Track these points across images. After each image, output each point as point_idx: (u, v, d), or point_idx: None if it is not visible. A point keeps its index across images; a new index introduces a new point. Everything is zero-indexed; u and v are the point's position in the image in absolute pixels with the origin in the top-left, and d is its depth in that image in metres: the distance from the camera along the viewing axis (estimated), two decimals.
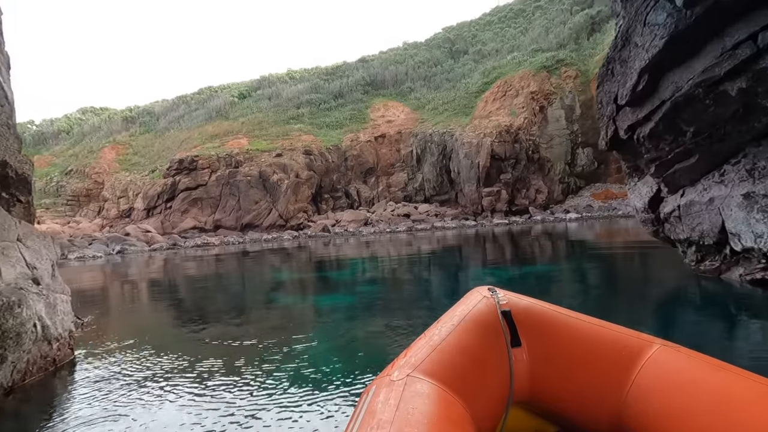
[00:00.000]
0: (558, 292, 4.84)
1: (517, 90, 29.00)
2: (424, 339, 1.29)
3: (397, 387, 1.05)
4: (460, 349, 1.24)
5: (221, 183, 25.34)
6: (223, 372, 2.68)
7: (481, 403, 1.18)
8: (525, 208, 25.63)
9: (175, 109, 35.74)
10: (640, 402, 1.12)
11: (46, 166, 31.28)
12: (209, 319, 4.59)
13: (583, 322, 1.33)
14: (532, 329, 1.33)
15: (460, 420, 1.04)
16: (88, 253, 14.03)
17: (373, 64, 38.36)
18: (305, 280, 7.74)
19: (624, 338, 1.25)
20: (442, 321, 1.37)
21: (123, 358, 3.02)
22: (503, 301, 1.38)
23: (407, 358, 1.21)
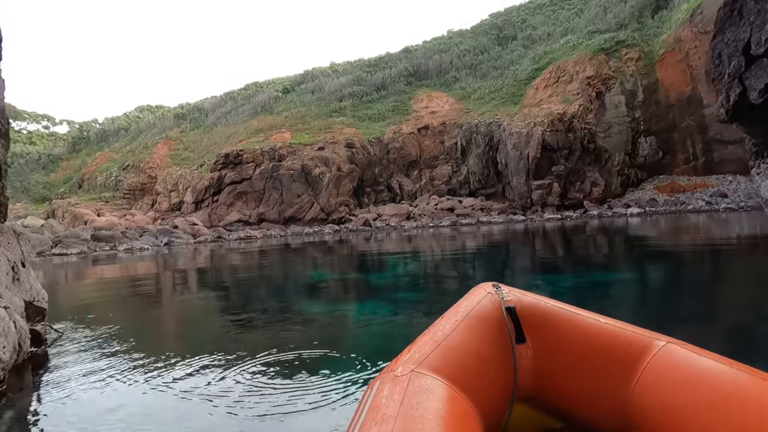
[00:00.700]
0: (639, 309, 3.95)
1: (572, 75, 27.04)
2: (428, 335, 1.29)
3: (401, 382, 1.05)
4: (464, 345, 1.25)
5: (265, 177, 25.59)
6: (240, 362, 2.68)
7: (485, 399, 1.18)
8: (579, 202, 23.88)
9: (222, 105, 36.72)
10: (645, 399, 1.12)
11: (107, 162, 33.21)
12: (243, 312, 4.36)
13: (588, 319, 1.33)
14: (536, 325, 1.33)
15: (465, 416, 1.05)
16: (136, 245, 14.43)
17: (417, 54, 37.39)
18: (345, 277, 7.24)
19: (629, 335, 1.25)
20: (446, 317, 1.37)
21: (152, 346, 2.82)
22: (507, 297, 1.38)
23: (411, 353, 1.20)
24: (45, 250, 12.89)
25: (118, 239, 16.36)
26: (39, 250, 12.94)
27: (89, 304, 5.53)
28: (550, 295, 1.47)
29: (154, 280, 7.69)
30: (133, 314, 4.67)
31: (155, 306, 5.20)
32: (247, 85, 39.82)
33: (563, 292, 4.47)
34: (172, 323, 4.36)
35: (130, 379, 2.46)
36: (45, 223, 20.95)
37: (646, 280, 5.27)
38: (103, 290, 6.81)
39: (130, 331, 3.72)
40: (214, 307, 5.01)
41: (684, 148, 25.79)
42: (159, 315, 4.66)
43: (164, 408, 2.13)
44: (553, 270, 6.67)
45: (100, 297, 6.09)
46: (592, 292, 4.63)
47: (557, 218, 21.43)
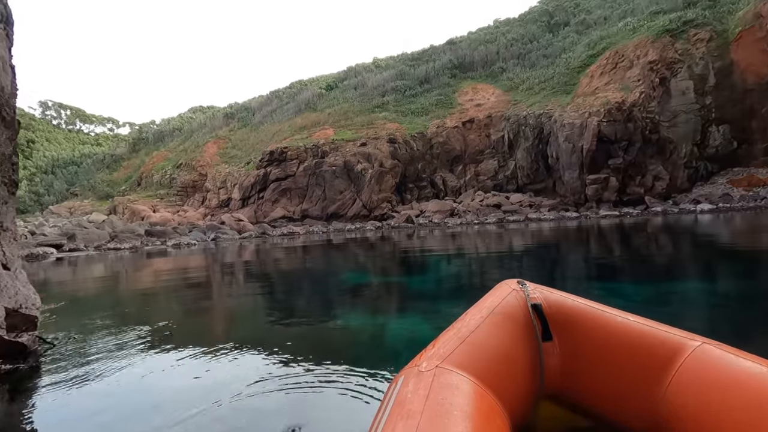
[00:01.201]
0: (717, 325, 3.20)
1: (631, 60, 24.99)
2: (453, 330, 1.28)
3: (426, 377, 1.04)
4: (490, 342, 1.23)
5: (308, 173, 25.78)
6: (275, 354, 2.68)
7: (511, 396, 1.17)
8: (640, 198, 22.05)
9: (268, 104, 37.56)
10: (679, 399, 1.09)
11: (162, 161, 35.02)
12: (282, 310, 4.15)
13: (617, 318, 1.29)
14: (563, 323, 1.31)
15: (491, 412, 1.03)
16: (184, 241, 14.89)
17: (462, 46, 36.28)
18: (385, 278, 6.82)
19: (662, 335, 1.21)
20: (470, 313, 1.35)
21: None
22: (533, 294, 1.36)
23: (435, 349, 1.19)
24: (102, 244, 13.58)
25: (168, 235, 16.99)
26: (97, 245, 13.65)
27: (107, 304, 5.47)
28: (607, 303, 1.38)
29: (193, 276, 7.66)
30: (149, 316, 4.51)
31: (176, 306, 5.04)
32: (291, 84, 40.51)
33: (623, 302, 3.79)
34: (194, 322, 4.13)
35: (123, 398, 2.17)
36: (106, 219, 22.32)
37: (723, 291, 4.36)
38: (133, 288, 6.83)
39: (141, 335, 3.50)
40: (251, 307, 4.75)
41: (764, 137, 23.09)
42: (182, 314, 4.46)
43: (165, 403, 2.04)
44: (611, 275, 5.76)
45: (126, 295, 6.06)
46: (659, 303, 3.92)
47: (615, 215, 19.87)
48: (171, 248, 13.91)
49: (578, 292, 1.43)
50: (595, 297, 3.70)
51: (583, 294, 1.42)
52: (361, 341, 3.01)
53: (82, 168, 40.32)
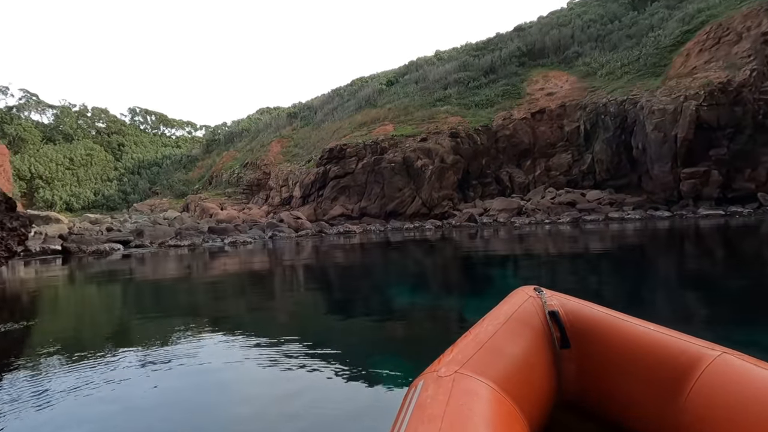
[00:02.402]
0: None
1: (739, 33, 21.31)
2: (470, 336, 1.29)
3: (446, 383, 1.05)
4: (508, 348, 1.24)
5: (366, 170, 25.25)
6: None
7: (529, 402, 1.17)
8: (751, 194, 18.66)
9: (330, 102, 37.76)
10: (699, 410, 1.10)
11: (231, 161, 36.62)
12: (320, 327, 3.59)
13: (636, 326, 1.29)
14: (581, 331, 1.31)
15: (510, 418, 1.04)
16: (240, 239, 14.93)
17: (531, 32, 33.72)
18: (439, 296, 5.84)
19: (682, 344, 1.22)
20: (487, 320, 1.37)
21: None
22: (551, 301, 1.37)
23: (454, 354, 1.20)
24: (165, 241, 13.96)
25: (229, 232, 17.25)
26: (161, 241, 14.07)
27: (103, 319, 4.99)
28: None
29: (229, 282, 7.20)
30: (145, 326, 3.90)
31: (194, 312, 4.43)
32: (353, 81, 40.43)
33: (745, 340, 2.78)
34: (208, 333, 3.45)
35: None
36: (177, 216, 23.52)
37: None
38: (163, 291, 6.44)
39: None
40: (288, 319, 4.14)
41: None
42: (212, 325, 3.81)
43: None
44: (723, 296, 4.23)
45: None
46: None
47: (719, 214, 16.93)
48: (228, 246, 13.97)
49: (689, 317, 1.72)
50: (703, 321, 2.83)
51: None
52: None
53: (163, 168, 43.58)
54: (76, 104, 49.46)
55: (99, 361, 2.90)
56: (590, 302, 1.40)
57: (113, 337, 3.77)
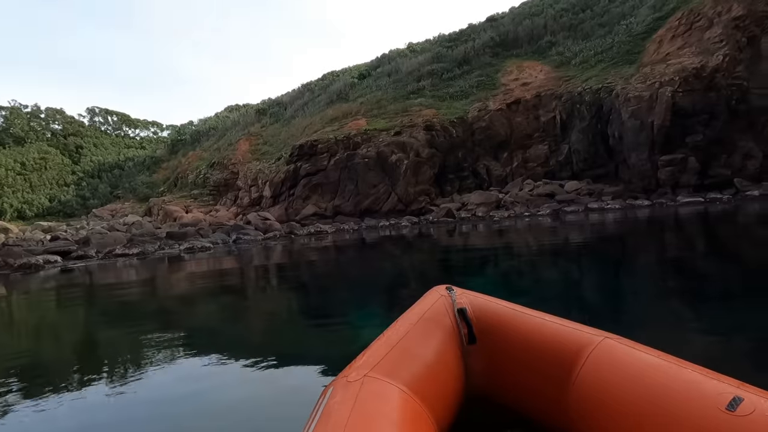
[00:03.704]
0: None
1: (711, 19, 21.17)
2: (382, 339, 1.30)
3: (354, 387, 1.04)
4: (417, 348, 1.26)
5: (339, 167, 24.17)
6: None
7: (437, 399, 1.18)
8: (727, 181, 18.51)
9: (300, 97, 36.38)
10: (584, 392, 1.15)
11: (197, 161, 34.80)
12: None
13: (534, 318, 1.35)
14: (487, 326, 1.37)
15: (417, 417, 1.05)
16: (198, 244, 13.61)
17: (503, 22, 33.21)
18: (425, 282, 4.90)
19: (570, 332, 1.27)
20: (400, 321, 1.39)
21: None
22: (459, 299, 1.42)
23: (365, 358, 1.19)
24: (113, 249, 12.53)
25: (190, 236, 15.90)
26: (108, 250, 12.64)
27: None
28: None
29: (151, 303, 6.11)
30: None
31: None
32: (324, 75, 39.10)
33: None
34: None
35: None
36: (136, 221, 21.90)
37: None
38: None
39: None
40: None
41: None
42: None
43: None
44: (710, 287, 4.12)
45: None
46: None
47: (698, 201, 16.66)
48: (184, 253, 12.69)
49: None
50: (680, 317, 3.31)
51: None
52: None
53: (126, 171, 41.20)
54: (28, 105, 46.16)
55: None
56: (497, 298, 1.47)
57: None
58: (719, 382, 1.01)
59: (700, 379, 1.02)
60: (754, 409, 0.90)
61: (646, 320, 3.33)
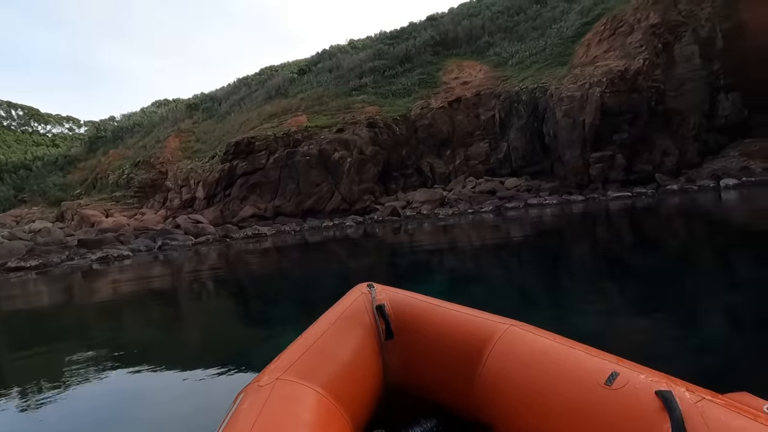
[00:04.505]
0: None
1: (632, 25, 22.66)
2: (300, 340, 1.28)
3: (264, 392, 1.03)
4: (334, 347, 1.24)
5: (279, 165, 22.99)
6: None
7: (353, 397, 1.18)
8: (649, 176, 19.85)
9: (236, 92, 34.40)
10: (490, 379, 1.20)
11: (119, 160, 31.66)
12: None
13: (448, 310, 1.39)
14: (404, 321, 1.38)
15: (330, 417, 1.04)
16: (115, 253, 12.04)
17: (443, 22, 33.61)
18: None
19: (480, 321, 1.32)
20: (319, 321, 1.38)
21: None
22: (379, 296, 1.43)
23: (279, 361, 1.18)
24: (5, 262, 10.66)
25: (107, 243, 14.13)
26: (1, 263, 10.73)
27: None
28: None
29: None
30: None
31: None
32: (261, 70, 37.30)
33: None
34: None
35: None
36: (44, 228, 19.28)
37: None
38: None
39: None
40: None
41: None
42: None
43: None
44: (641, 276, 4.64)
45: None
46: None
47: (626, 195, 17.67)
48: (97, 263, 11.11)
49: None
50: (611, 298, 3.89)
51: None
52: None
53: (34, 172, 36.57)
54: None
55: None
56: (416, 293, 1.49)
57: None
58: (601, 360, 1.09)
59: (585, 358, 1.10)
60: (627, 382, 1.00)
61: (573, 305, 3.76)
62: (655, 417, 0.90)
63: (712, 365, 2.31)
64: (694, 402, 0.89)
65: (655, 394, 0.93)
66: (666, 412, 0.88)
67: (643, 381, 0.98)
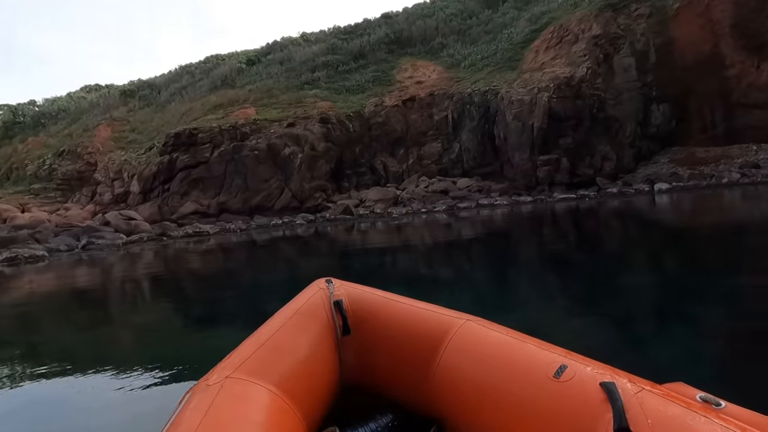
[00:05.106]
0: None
1: (576, 35, 23.72)
2: (253, 337, 1.25)
3: (212, 391, 0.99)
4: (288, 344, 1.22)
5: (225, 160, 21.69)
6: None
7: (308, 395, 1.16)
8: (591, 179, 20.85)
9: (177, 81, 32.16)
10: (444, 376, 1.20)
11: (40, 148, 28.46)
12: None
13: (405, 305, 1.38)
14: (361, 317, 1.37)
15: (282, 417, 1.02)
16: (26, 253, 10.55)
17: (398, 20, 33.50)
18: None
19: (437, 316, 1.32)
20: (274, 317, 1.35)
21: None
22: (337, 291, 1.41)
23: (230, 359, 1.14)
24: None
25: (20, 242, 12.43)
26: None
27: None
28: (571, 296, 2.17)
29: None
30: None
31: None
32: (206, 58, 35.16)
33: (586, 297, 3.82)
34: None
35: None
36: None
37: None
38: None
39: None
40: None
41: (701, 115, 22.92)
42: None
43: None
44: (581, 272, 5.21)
45: None
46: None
47: (571, 197, 18.39)
48: (2, 265, 9.65)
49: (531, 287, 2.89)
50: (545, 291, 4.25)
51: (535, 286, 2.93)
52: None
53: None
54: None
55: None
56: (375, 288, 1.47)
57: None
58: (551, 353, 1.10)
59: (536, 352, 1.11)
60: (574, 375, 1.02)
61: (519, 301, 3.96)
62: (599, 407, 0.93)
63: (651, 356, 2.44)
64: (634, 393, 0.92)
65: (599, 385, 0.96)
66: (609, 403, 0.91)
67: (588, 373, 1.02)
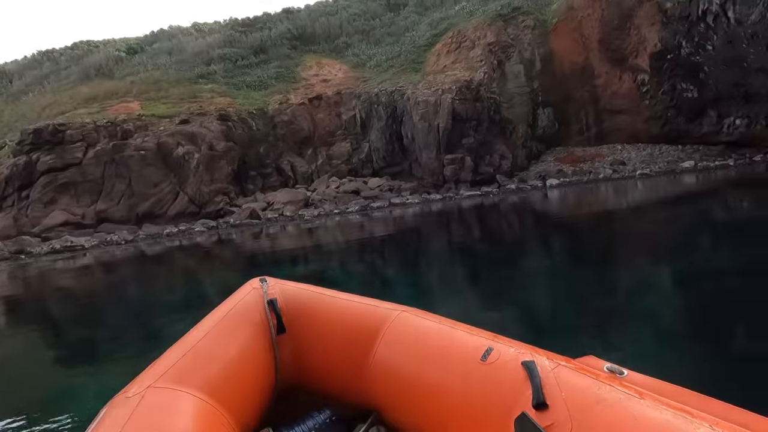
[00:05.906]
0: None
1: (473, 41, 25.15)
2: (178, 344, 1.19)
3: (131, 403, 0.94)
4: (219, 348, 1.17)
5: (103, 161, 18.74)
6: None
7: (240, 399, 1.11)
8: (491, 177, 22.22)
9: (36, 67, 27.13)
10: (380, 366, 1.20)
11: None
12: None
13: (340, 300, 1.38)
14: (297, 314, 1.34)
15: (211, 424, 0.97)
16: None
17: (300, 16, 32.47)
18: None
19: (372, 309, 1.32)
20: (204, 321, 1.29)
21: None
22: (272, 290, 1.37)
23: (154, 368, 1.09)
24: None
25: None
26: None
27: None
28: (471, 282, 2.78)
29: None
30: None
31: None
32: (74, 44, 30.25)
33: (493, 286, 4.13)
34: None
35: None
36: None
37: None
38: None
39: None
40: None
41: (578, 118, 25.89)
42: None
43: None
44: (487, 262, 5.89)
45: None
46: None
47: (476, 194, 19.38)
48: None
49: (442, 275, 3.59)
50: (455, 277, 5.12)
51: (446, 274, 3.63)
52: None
53: None
54: None
55: None
56: (310, 285, 1.46)
57: None
58: (479, 337, 1.15)
59: (466, 337, 1.16)
60: (499, 356, 1.07)
61: (436, 291, 4.23)
62: (520, 385, 0.97)
63: (565, 333, 2.59)
64: (551, 369, 0.97)
65: (521, 364, 1.00)
66: (529, 381, 0.95)
67: (512, 354, 1.05)
